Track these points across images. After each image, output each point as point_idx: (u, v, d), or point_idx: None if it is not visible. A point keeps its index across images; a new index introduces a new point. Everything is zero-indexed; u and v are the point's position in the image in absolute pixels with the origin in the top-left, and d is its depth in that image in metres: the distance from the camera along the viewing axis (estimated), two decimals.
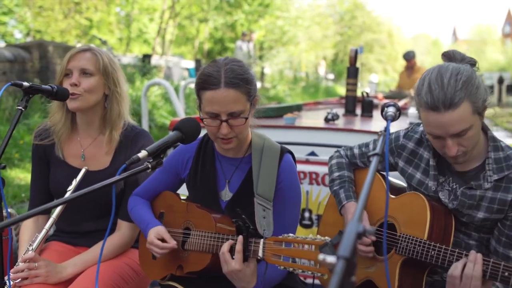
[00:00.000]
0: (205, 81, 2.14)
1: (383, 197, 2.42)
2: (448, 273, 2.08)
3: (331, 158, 2.74)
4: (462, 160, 2.15)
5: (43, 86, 2.40)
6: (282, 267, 1.91)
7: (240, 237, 2.06)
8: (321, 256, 1.13)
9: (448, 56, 2.21)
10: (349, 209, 2.45)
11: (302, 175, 3.88)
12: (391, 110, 2.03)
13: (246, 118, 2.16)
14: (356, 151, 2.65)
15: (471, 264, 2.03)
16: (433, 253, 2.13)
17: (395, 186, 2.58)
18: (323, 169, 3.80)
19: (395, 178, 2.71)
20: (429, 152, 2.33)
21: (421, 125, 2.42)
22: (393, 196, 2.40)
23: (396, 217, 2.32)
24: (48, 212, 2.55)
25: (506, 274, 1.97)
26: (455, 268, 2.06)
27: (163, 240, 2.28)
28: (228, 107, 2.11)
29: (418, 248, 2.17)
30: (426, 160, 2.35)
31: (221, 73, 2.13)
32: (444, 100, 1.99)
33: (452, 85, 2.00)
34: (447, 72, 2.04)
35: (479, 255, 2.04)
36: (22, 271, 2.39)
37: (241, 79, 2.14)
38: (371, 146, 2.61)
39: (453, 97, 1.99)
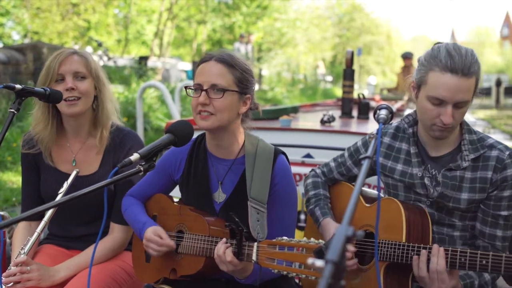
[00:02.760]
0: (202, 58, 2.27)
1: (360, 206, 2.42)
2: (414, 274, 2.11)
3: (306, 177, 2.76)
4: (446, 134, 2.24)
5: (36, 88, 2.39)
6: (276, 271, 1.91)
7: (228, 250, 2.07)
8: (310, 260, 1.12)
9: None
10: (326, 226, 2.46)
11: (297, 177, 3.87)
12: (383, 113, 2.03)
13: (225, 91, 2.17)
14: (332, 164, 2.68)
15: (434, 258, 2.07)
16: (412, 254, 2.14)
17: (369, 195, 2.58)
18: None
19: (368, 188, 2.71)
20: (408, 142, 2.40)
21: (393, 122, 2.48)
22: (367, 205, 2.41)
23: (373, 224, 2.32)
24: (40, 218, 2.52)
25: (484, 262, 2.00)
26: (420, 270, 2.09)
27: (160, 238, 2.28)
28: (211, 78, 2.18)
29: (398, 252, 2.18)
30: (405, 151, 2.41)
31: (217, 52, 2.26)
32: (463, 66, 2.11)
33: (469, 56, 2.14)
34: (461, 46, 2.20)
35: (441, 248, 2.08)
36: (14, 274, 2.38)
37: (233, 61, 2.23)
38: (346, 154, 2.63)
39: (471, 66, 2.12)
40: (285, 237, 1.93)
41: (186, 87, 2.28)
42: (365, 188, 2.71)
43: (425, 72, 2.19)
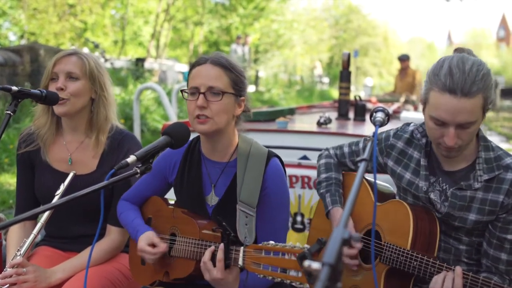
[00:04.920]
0: (196, 61, 2.26)
1: (369, 203, 2.41)
2: (430, 287, 2.07)
3: (319, 156, 2.70)
4: (455, 154, 2.13)
5: (32, 90, 2.39)
6: (261, 276, 1.89)
7: (221, 245, 2.05)
8: (306, 263, 1.12)
9: (462, 52, 2.17)
10: (335, 216, 2.43)
11: (294, 179, 3.87)
12: (379, 115, 2.01)
13: (224, 93, 2.17)
14: (346, 149, 2.62)
15: (450, 278, 2.03)
16: (415, 264, 2.12)
17: (382, 192, 2.55)
18: (315, 173, 3.76)
19: (384, 182, 2.69)
20: (420, 151, 2.31)
21: (411, 124, 2.42)
22: (378, 203, 2.38)
23: (380, 224, 2.31)
24: (35, 218, 2.52)
25: None
26: (435, 283, 2.05)
27: (153, 245, 2.28)
28: (208, 81, 2.17)
29: (401, 258, 2.16)
30: (416, 160, 2.32)
31: (211, 55, 2.25)
32: (463, 85, 1.96)
33: (473, 73, 1.98)
34: (468, 60, 2.03)
35: (459, 268, 2.03)
36: (11, 276, 2.37)
37: (228, 63, 2.22)
38: (361, 145, 2.57)
39: (472, 85, 1.97)
40: (271, 242, 1.91)
41: (182, 91, 2.26)
42: (381, 182, 2.68)
43: (427, 90, 2.08)
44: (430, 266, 2.10)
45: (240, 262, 1.99)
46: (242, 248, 2.01)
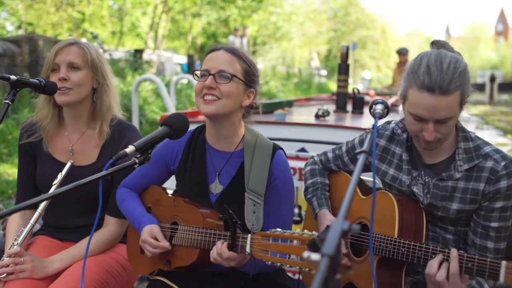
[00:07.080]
0: (212, 48, 2.32)
1: (356, 197, 2.43)
2: (425, 272, 2.08)
3: (306, 165, 2.76)
4: (434, 146, 2.18)
5: (31, 79, 2.39)
6: (269, 262, 1.90)
7: (225, 247, 2.06)
8: (305, 254, 1.13)
9: (439, 45, 2.21)
10: (321, 218, 2.48)
11: (292, 171, 3.87)
12: (379, 108, 2.03)
13: (233, 77, 2.20)
14: (330, 155, 2.67)
15: (453, 262, 2.02)
16: (403, 250, 2.14)
17: (366, 186, 2.58)
18: None
19: (369, 177, 2.71)
20: (401, 147, 2.35)
21: (392, 122, 2.46)
22: (363, 197, 2.42)
23: (367, 217, 2.33)
24: (35, 207, 2.52)
25: (469, 265, 1.99)
26: (431, 267, 2.05)
27: (156, 240, 2.29)
28: (220, 64, 2.22)
29: (390, 247, 2.18)
30: (398, 155, 2.37)
31: (228, 45, 2.32)
32: (441, 84, 2.00)
33: (451, 71, 2.02)
34: (446, 57, 2.06)
35: (454, 250, 2.03)
36: (8, 266, 2.37)
37: (241, 53, 2.28)
38: (343, 148, 2.61)
39: (450, 83, 2.00)
40: (278, 229, 1.93)
41: (194, 71, 2.30)
42: (364, 177, 2.71)
43: (406, 87, 2.12)
44: (418, 250, 2.11)
45: (248, 249, 2.01)
46: (249, 235, 2.03)
